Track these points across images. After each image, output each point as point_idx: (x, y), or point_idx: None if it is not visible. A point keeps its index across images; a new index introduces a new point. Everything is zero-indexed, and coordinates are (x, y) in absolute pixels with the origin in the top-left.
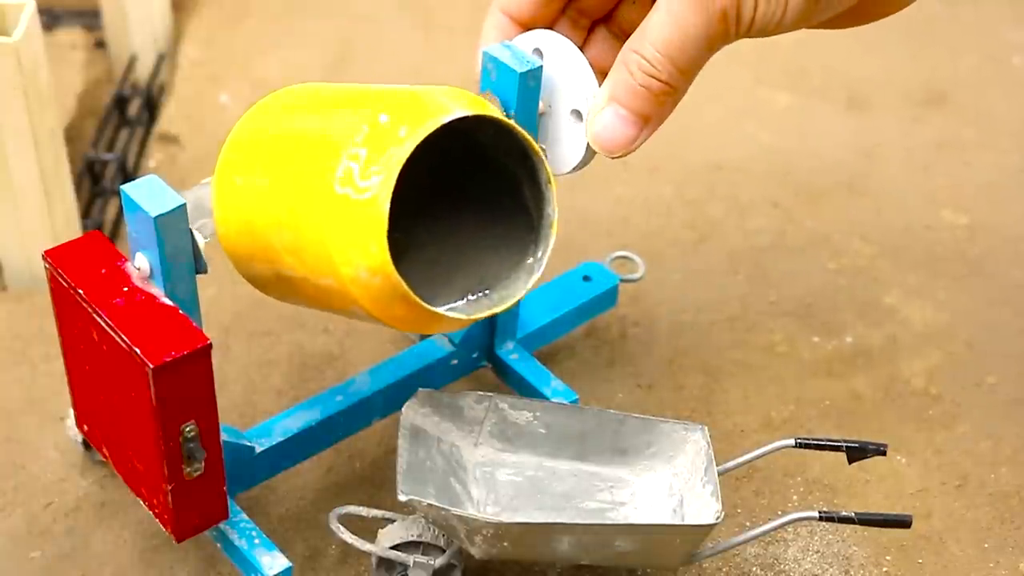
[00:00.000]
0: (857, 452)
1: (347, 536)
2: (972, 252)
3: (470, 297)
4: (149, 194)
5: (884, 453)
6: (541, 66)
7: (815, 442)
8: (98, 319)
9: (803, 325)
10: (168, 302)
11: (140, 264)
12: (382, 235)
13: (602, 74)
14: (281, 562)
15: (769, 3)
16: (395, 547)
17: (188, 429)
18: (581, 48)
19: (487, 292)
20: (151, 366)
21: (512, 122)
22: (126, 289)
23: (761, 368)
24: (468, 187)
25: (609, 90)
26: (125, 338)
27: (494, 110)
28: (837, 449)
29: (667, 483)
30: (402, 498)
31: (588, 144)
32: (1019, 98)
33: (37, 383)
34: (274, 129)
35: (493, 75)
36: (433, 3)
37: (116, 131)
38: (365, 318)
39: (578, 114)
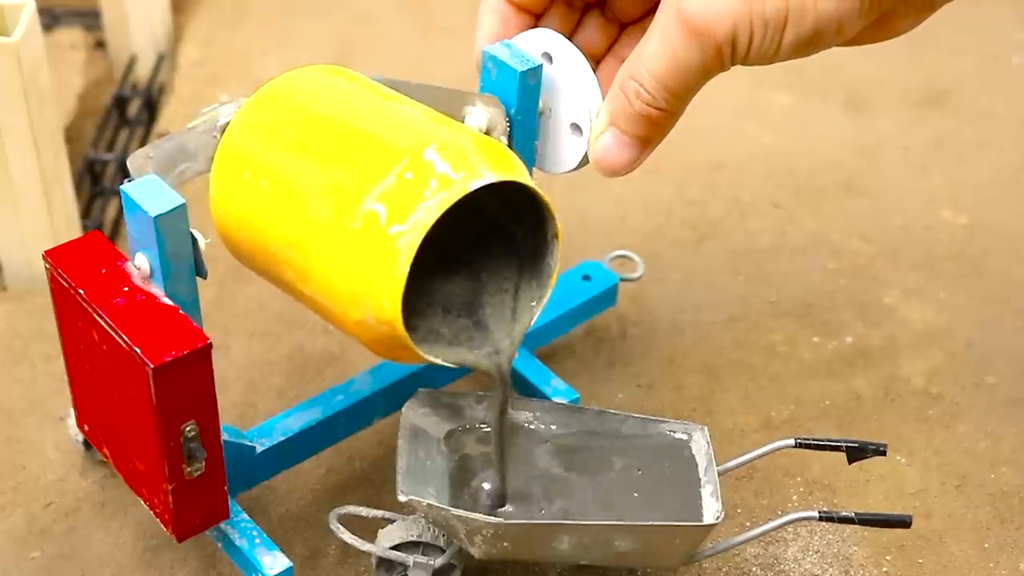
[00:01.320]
0: (857, 452)
1: (347, 536)
2: (971, 251)
3: (465, 338)
4: (149, 194)
5: (884, 453)
6: (541, 65)
7: (815, 442)
8: (98, 319)
9: (803, 325)
10: (168, 302)
11: (140, 264)
12: (397, 294)
13: (592, 58)
14: (282, 562)
15: (764, 41)
16: (395, 547)
17: (188, 429)
18: (573, 32)
19: (481, 334)
20: (151, 366)
21: (535, 186)
22: (126, 289)
23: (761, 368)
24: (470, 221)
25: (608, 115)
26: (125, 338)
27: (519, 166)
28: (837, 449)
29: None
30: (402, 498)
31: (584, 154)
32: (1019, 97)
33: (37, 383)
34: (295, 134)
35: (493, 74)
36: (433, 3)
37: (116, 131)
38: None
39: (577, 128)
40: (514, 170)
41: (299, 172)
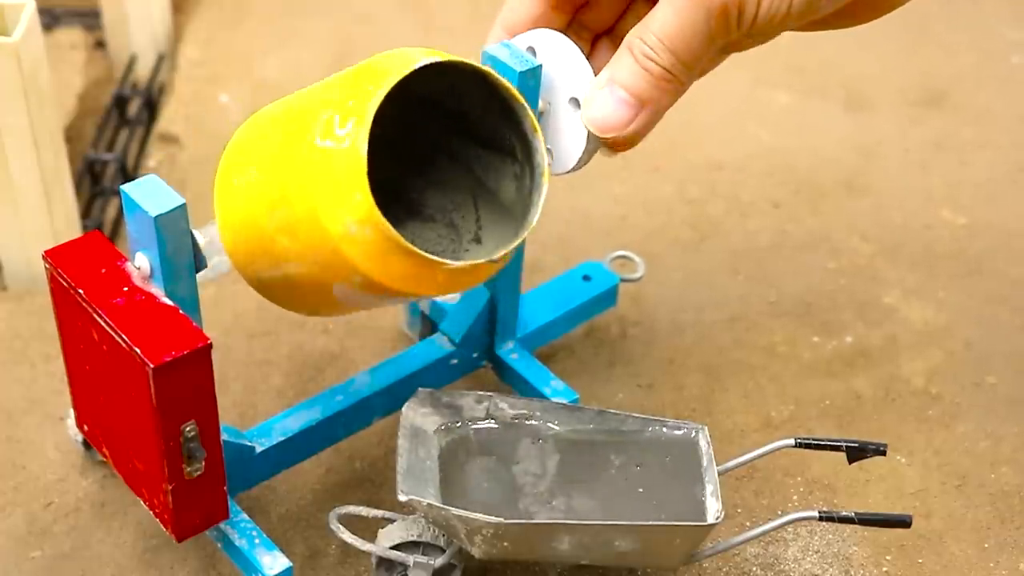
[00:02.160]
0: (857, 452)
1: (347, 536)
2: (971, 251)
3: (467, 249)
4: (149, 194)
5: (884, 453)
6: (540, 65)
7: (815, 442)
8: (98, 319)
9: (803, 325)
10: (168, 302)
11: (140, 264)
12: (363, 180)
13: None
14: (282, 562)
15: (773, 1)
16: (395, 547)
17: (188, 429)
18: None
19: (481, 241)
20: (151, 366)
21: (487, 68)
22: (126, 289)
23: (761, 368)
24: (459, 151)
25: (609, 71)
26: (125, 338)
27: (472, 61)
28: (837, 449)
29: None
30: (402, 498)
31: (589, 135)
32: (1017, 97)
33: (37, 383)
34: (261, 126)
35: None
36: (433, 3)
37: (116, 131)
38: (368, 300)
39: (576, 102)
40: (465, 59)
41: (270, 133)
